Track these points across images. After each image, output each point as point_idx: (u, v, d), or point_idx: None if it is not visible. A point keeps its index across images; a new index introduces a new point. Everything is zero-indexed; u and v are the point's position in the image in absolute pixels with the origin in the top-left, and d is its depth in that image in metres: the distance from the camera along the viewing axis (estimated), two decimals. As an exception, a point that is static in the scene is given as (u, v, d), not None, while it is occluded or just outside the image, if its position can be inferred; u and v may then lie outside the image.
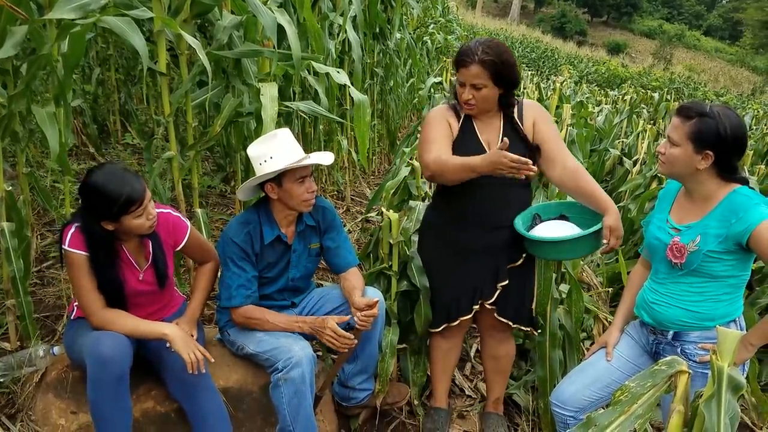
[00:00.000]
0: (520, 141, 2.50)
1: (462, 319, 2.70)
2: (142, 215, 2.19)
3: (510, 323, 2.69)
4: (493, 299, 2.63)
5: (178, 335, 2.25)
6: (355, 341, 2.48)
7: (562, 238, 2.41)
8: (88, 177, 2.14)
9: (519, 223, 2.52)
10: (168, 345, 2.27)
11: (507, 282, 2.60)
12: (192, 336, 2.38)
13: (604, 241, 2.36)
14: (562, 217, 2.60)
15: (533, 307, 2.75)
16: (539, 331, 2.83)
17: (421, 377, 3.10)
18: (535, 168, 2.24)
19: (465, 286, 2.66)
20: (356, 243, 4.55)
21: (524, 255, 2.61)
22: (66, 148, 2.82)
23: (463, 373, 3.44)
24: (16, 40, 2.37)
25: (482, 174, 2.31)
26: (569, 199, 2.87)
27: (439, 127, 2.55)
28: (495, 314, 2.67)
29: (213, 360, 2.31)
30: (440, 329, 2.78)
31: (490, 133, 2.54)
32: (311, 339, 2.56)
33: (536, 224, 2.55)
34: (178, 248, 2.47)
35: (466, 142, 2.53)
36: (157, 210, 2.38)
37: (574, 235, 2.41)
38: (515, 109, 2.54)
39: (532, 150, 2.52)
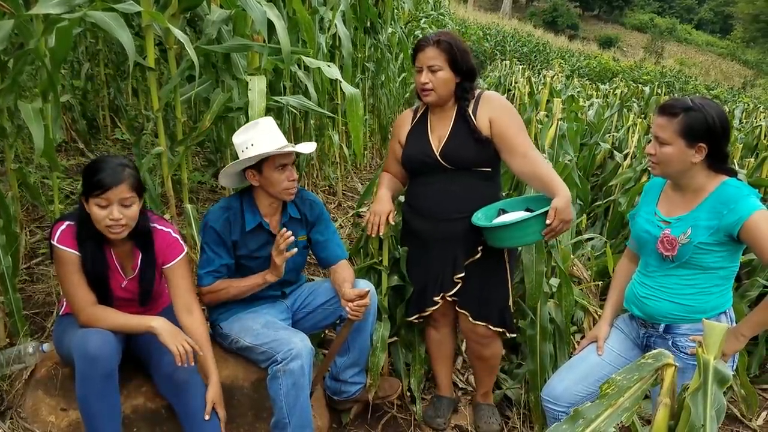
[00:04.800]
0: (469, 135, 2.54)
1: (430, 310, 2.75)
2: (105, 208, 2.15)
3: (470, 317, 2.70)
4: (453, 292, 2.67)
5: (165, 328, 2.22)
6: (291, 238, 2.43)
7: (508, 222, 2.41)
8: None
9: (478, 215, 2.54)
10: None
11: (463, 274, 2.63)
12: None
13: (547, 221, 2.34)
14: (528, 211, 2.59)
15: (509, 305, 2.74)
16: (513, 335, 2.81)
17: (418, 369, 3.11)
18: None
19: (430, 275, 2.71)
20: (347, 238, 4.55)
21: (480, 248, 2.62)
22: (54, 144, 2.80)
23: (455, 366, 3.44)
24: (3, 34, 2.34)
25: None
26: (536, 194, 2.88)
27: (392, 143, 2.82)
28: (457, 307, 2.72)
29: (202, 353, 2.30)
30: (414, 318, 2.84)
31: (442, 128, 2.61)
32: (307, 333, 2.56)
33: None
34: (165, 266, 2.40)
35: (416, 139, 2.65)
36: (159, 227, 2.38)
37: (519, 218, 2.41)
38: (472, 103, 2.58)
39: (482, 143, 2.55)
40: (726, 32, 49.91)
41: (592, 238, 4.78)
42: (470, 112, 2.56)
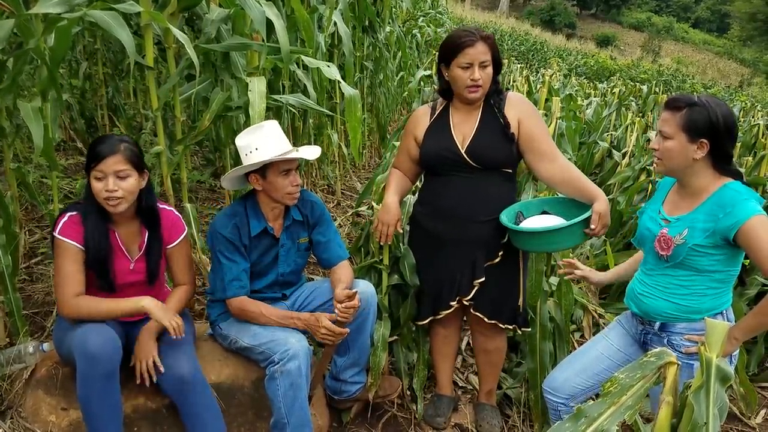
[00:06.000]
0: (499, 133, 2.52)
1: (444, 313, 2.72)
2: (101, 180, 2.19)
3: (485, 318, 2.69)
4: (471, 296, 2.64)
5: (157, 305, 2.28)
6: (348, 331, 2.48)
7: (553, 228, 2.41)
8: None
9: (505, 219, 2.52)
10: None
11: (483, 279, 2.61)
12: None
13: (592, 226, 2.37)
14: (544, 214, 2.60)
15: (519, 304, 2.73)
16: (528, 329, 2.83)
17: (422, 369, 3.11)
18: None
19: (446, 278, 2.68)
20: (347, 237, 4.55)
21: (501, 252, 2.61)
22: (53, 143, 2.79)
23: (455, 365, 3.44)
24: (3, 34, 2.34)
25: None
26: (550, 195, 2.89)
27: (405, 140, 2.74)
28: (471, 309, 2.69)
29: (183, 335, 2.30)
30: (426, 322, 2.81)
31: (466, 125, 2.56)
32: (304, 332, 2.56)
33: (520, 221, 2.55)
34: (169, 246, 2.46)
35: (437, 136, 2.59)
36: (162, 206, 2.42)
37: (564, 223, 2.42)
38: (498, 100, 2.56)
39: (511, 143, 2.53)
40: (723, 31, 49.96)
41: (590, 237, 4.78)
42: (496, 110, 2.55)
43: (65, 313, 2.24)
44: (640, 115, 9.76)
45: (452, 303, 2.69)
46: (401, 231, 2.65)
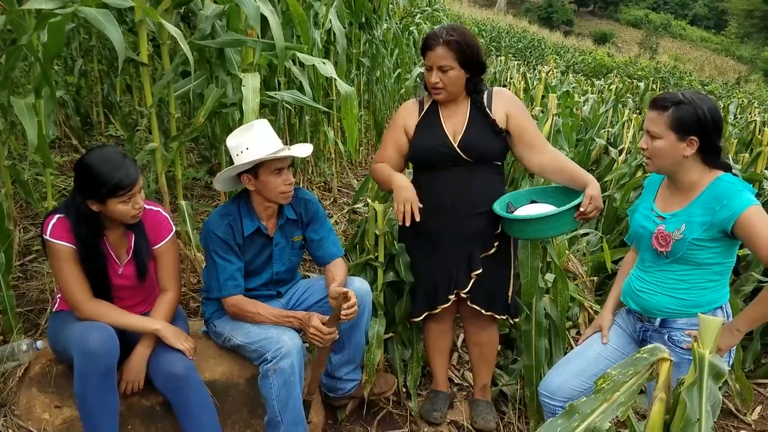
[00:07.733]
0: (487, 127, 2.55)
1: (441, 307, 2.73)
2: (129, 202, 2.19)
3: (482, 311, 2.71)
4: (468, 288, 2.66)
5: (169, 330, 2.34)
6: (337, 334, 2.47)
7: (548, 214, 2.44)
8: (86, 155, 2.20)
9: (497, 208, 2.55)
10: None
11: (480, 271, 2.62)
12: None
13: (582, 209, 2.38)
14: (533, 203, 2.63)
15: (510, 294, 2.75)
16: (517, 319, 2.86)
17: (415, 367, 3.11)
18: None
19: (441, 274, 2.69)
20: (343, 234, 4.54)
21: (497, 243, 2.64)
22: (47, 140, 2.78)
23: (450, 362, 3.44)
24: (-5, 30, 2.34)
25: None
26: (539, 186, 2.91)
27: (393, 132, 2.73)
28: (468, 302, 2.70)
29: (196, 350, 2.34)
30: (421, 318, 2.82)
31: (456, 120, 2.59)
32: (298, 330, 2.55)
33: (511, 211, 2.57)
34: (155, 247, 2.44)
35: (429, 131, 2.61)
36: (148, 207, 2.39)
37: (559, 209, 2.44)
38: (484, 96, 2.59)
39: (499, 136, 2.56)
40: (720, 28, 49.98)
41: (587, 234, 4.79)
42: (486, 107, 2.58)
43: (83, 317, 2.26)
44: (637, 112, 9.77)
45: (450, 297, 2.69)
46: (420, 205, 2.54)
